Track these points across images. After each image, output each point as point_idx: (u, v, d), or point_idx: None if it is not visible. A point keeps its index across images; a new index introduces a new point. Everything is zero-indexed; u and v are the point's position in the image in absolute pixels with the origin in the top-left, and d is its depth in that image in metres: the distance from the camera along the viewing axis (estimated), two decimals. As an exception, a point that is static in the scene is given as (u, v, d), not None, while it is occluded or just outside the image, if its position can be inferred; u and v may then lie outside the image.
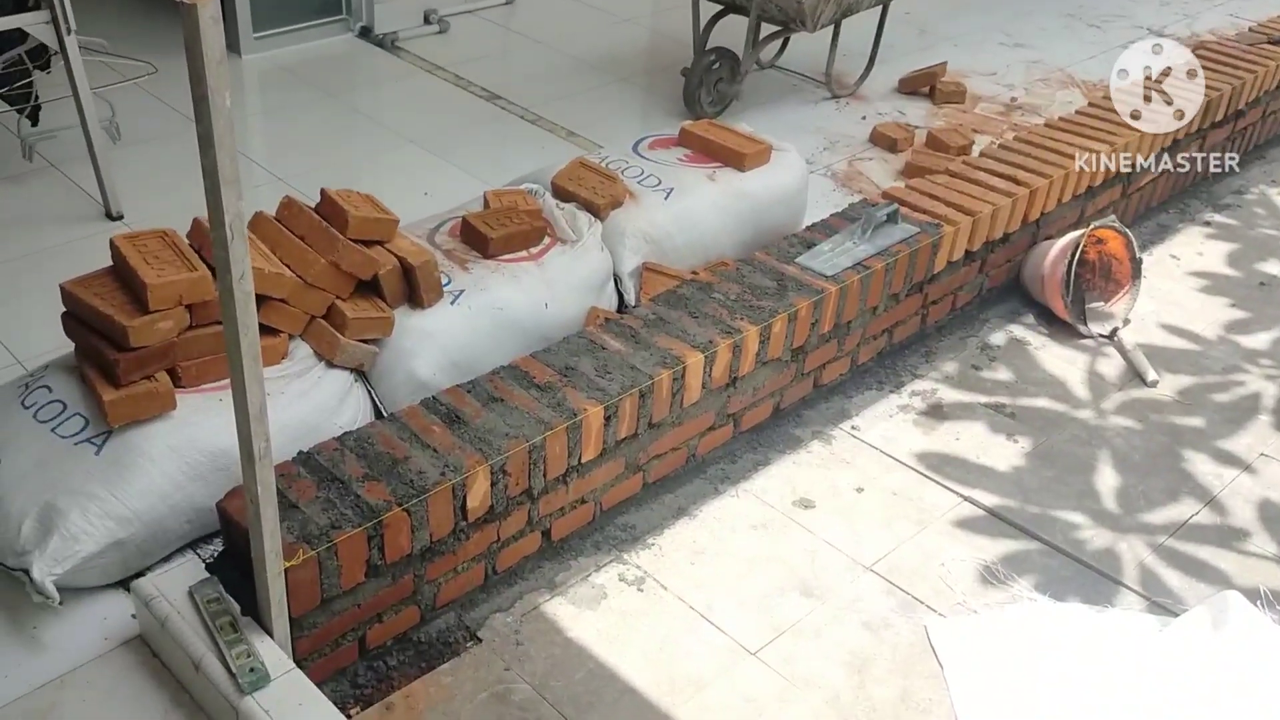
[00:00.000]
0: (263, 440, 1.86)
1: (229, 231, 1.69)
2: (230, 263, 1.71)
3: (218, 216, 1.68)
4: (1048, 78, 5.25)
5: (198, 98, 1.60)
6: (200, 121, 1.61)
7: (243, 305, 1.75)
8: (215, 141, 1.62)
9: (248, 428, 1.84)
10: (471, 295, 2.88)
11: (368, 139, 4.35)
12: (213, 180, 1.65)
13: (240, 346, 1.77)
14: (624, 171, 3.45)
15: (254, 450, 1.85)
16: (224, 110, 1.61)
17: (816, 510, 2.80)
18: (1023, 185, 3.55)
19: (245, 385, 1.80)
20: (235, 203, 1.68)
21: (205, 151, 1.63)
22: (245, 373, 1.79)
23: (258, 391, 1.82)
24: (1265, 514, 2.88)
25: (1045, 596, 2.59)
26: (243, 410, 1.83)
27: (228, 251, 1.70)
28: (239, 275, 1.72)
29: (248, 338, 1.77)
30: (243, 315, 1.75)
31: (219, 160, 1.63)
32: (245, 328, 1.76)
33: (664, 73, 5.07)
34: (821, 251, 3.13)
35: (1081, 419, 3.20)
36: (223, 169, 1.64)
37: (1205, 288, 3.88)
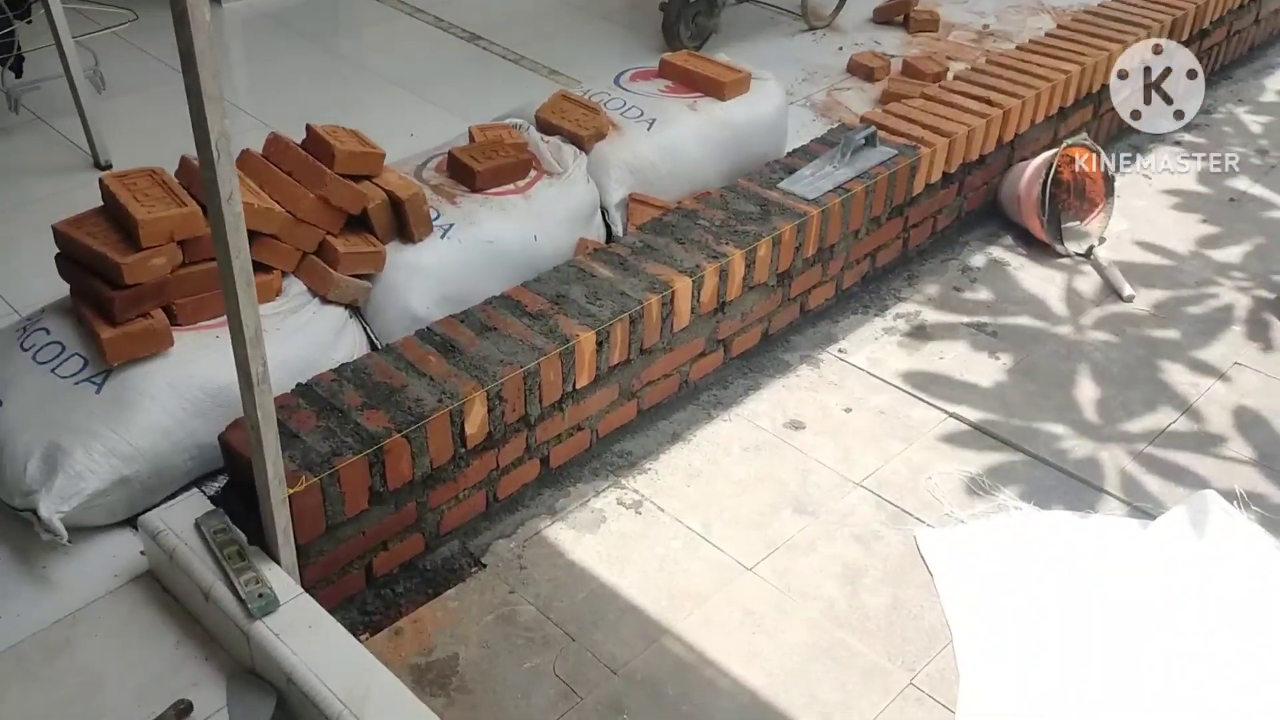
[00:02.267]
0: (260, 364, 1.81)
1: (215, 151, 1.62)
2: (218, 183, 1.64)
3: (203, 136, 1.61)
4: (1018, 4, 5.16)
5: (178, 15, 1.52)
6: (181, 39, 1.54)
7: (232, 227, 1.69)
8: (197, 58, 1.54)
9: (244, 352, 1.79)
10: (461, 229, 2.81)
11: (351, 82, 4.24)
12: (196, 99, 1.58)
13: (233, 268, 1.71)
14: (606, 104, 3.37)
15: (252, 374, 1.80)
16: (204, 26, 1.53)
17: (807, 431, 2.77)
18: (996, 106, 3.49)
19: (240, 309, 1.75)
20: (220, 120, 1.61)
21: (188, 70, 1.56)
22: (239, 296, 1.74)
23: (252, 315, 1.77)
24: (1240, 420, 2.86)
25: (1030, 505, 2.57)
26: (239, 334, 1.78)
27: (215, 171, 1.63)
28: (227, 195, 1.66)
29: (239, 260, 1.71)
30: (233, 237, 1.69)
31: (201, 77, 1.56)
32: (236, 249, 1.70)
33: (641, 8, 4.95)
34: (802, 176, 3.08)
35: (1061, 335, 3.17)
36: (205, 86, 1.57)
37: (1177, 204, 3.84)
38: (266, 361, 1.81)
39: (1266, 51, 4.91)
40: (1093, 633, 2.23)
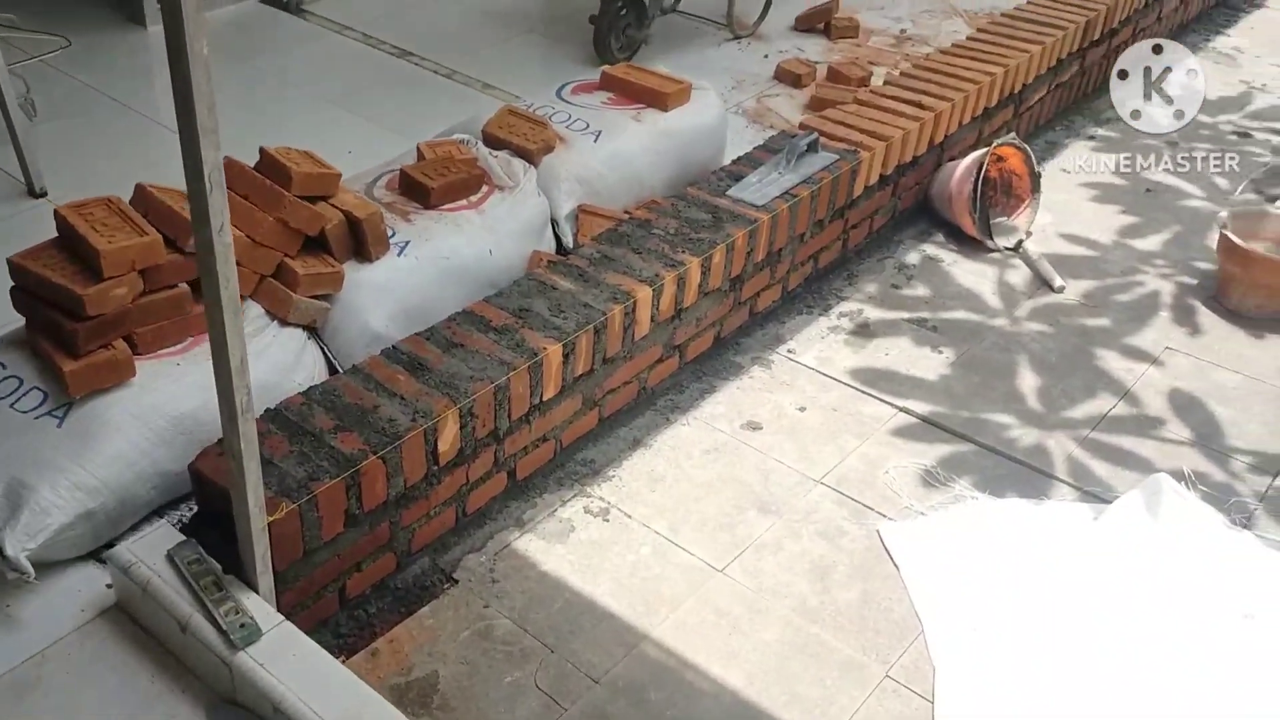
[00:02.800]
0: (245, 394, 1.78)
1: (208, 183, 1.59)
2: (209, 214, 1.62)
3: (196, 168, 1.59)
4: (932, 9, 5.28)
5: (174, 48, 1.50)
6: (177, 73, 1.52)
7: (223, 258, 1.66)
8: (194, 91, 1.52)
9: (229, 382, 1.76)
10: (417, 245, 2.79)
11: (284, 102, 4.17)
12: (190, 131, 1.56)
13: (221, 300, 1.68)
14: (552, 117, 3.37)
15: (236, 405, 1.77)
16: (202, 59, 1.51)
17: (764, 431, 2.81)
18: (928, 109, 3.57)
19: (227, 340, 1.72)
20: (214, 153, 1.59)
21: (182, 102, 1.54)
22: (226, 327, 1.71)
23: (239, 345, 1.74)
24: (1175, 402, 2.98)
25: (985, 494, 2.64)
26: (224, 366, 1.75)
27: (207, 203, 1.61)
28: (218, 227, 1.63)
29: (228, 291, 1.69)
30: (223, 268, 1.67)
31: (197, 110, 1.54)
32: (225, 280, 1.68)
33: (568, 21, 4.96)
34: (750, 183, 3.12)
35: (998, 327, 3.26)
36: (201, 119, 1.55)
37: (1097, 197, 3.97)
38: (251, 390, 1.78)
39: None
40: (1060, 617, 2.30)
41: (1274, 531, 2.58)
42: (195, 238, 1.68)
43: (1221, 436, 2.87)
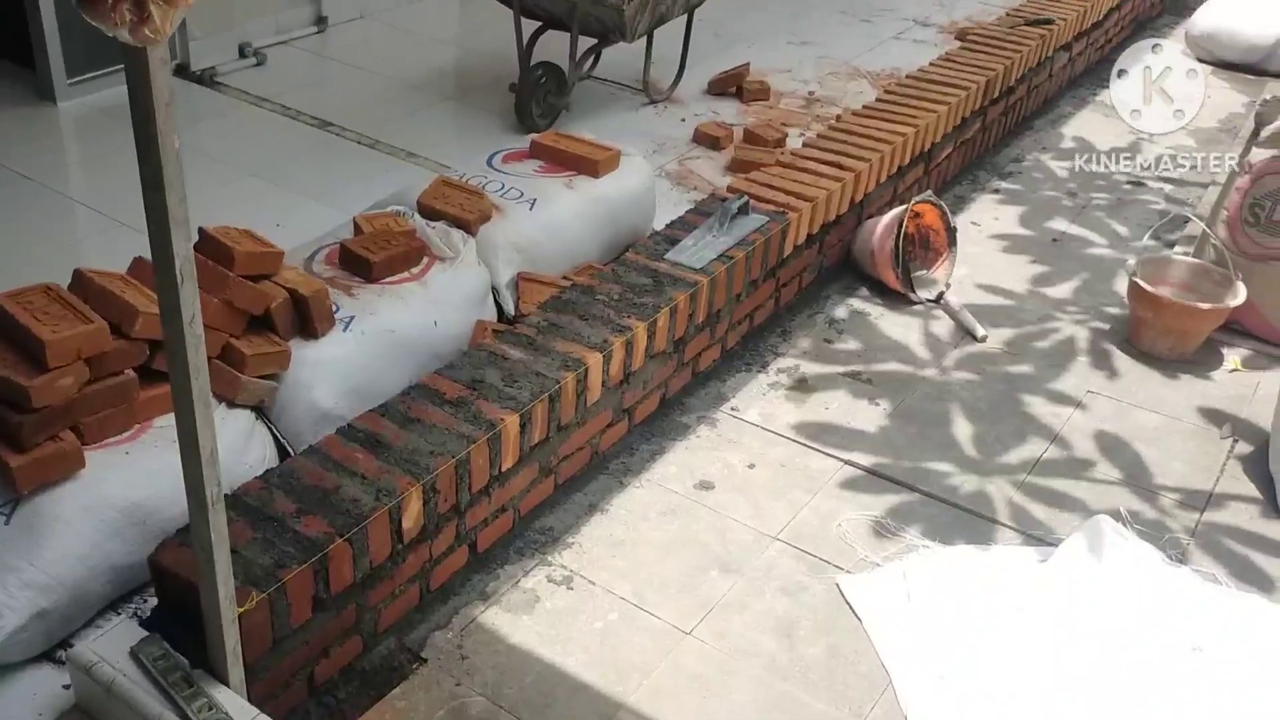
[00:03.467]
0: (215, 485, 1.73)
1: (179, 275, 1.57)
2: (181, 306, 1.59)
3: (166, 260, 1.56)
4: (836, 71, 5.46)
5: (145, 140, 1.48)
6: (147, 164, 1.50)
7: (194, 349, 1.63)
8: (165, 184, 1.51)
9: (199, 474, 1.71)
10: (362, 320, 2.77)
11: (205, 176, 4.09)
12: (161, 224, 1.53)
13: (192, 391, 1.65)
14: (485, 186, 3.39)
15: (207, 496, 1.73)
16: (173, 152, 1.50)
17: (716, 490, 2.83)
18: (847, 170, 3.69)
19: (197, 430, 1.68)
20: (185, 245, 1.57)
21: (153, 194, 1.51)
22: (198, 418, 1.67)
23: (209, 435, 1.70)
24: (1102, 443, 3.10)
25: (935, 542, 2.71)
26: (194, 457, 1.70)
27: (178, 295, 1.58)
28: (189, 319, 1.61)
29: (199, 382, 1.65)
30: (194, 359, 1.64)
31: (169, 203, 1.52)
32: (196, 371, 1.64)
33: (488, 89, 5.00)
34: (686, 247, 3.17)
35: (928, 377, 3.36)
36: (173, 211, 1.53)
37: (1007, 248, 4.13)
38: (221, 482, 1.74)
39: (1058, 102, 5.37)
40: (1020, 659, 2.36)
41: (1208, 565, 2.70)
42: (165, 330, 1.65)
43: (1149, 475, 2.99)
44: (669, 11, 4.70)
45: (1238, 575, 2.67)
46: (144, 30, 1.34)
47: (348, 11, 5.74)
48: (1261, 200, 3.47)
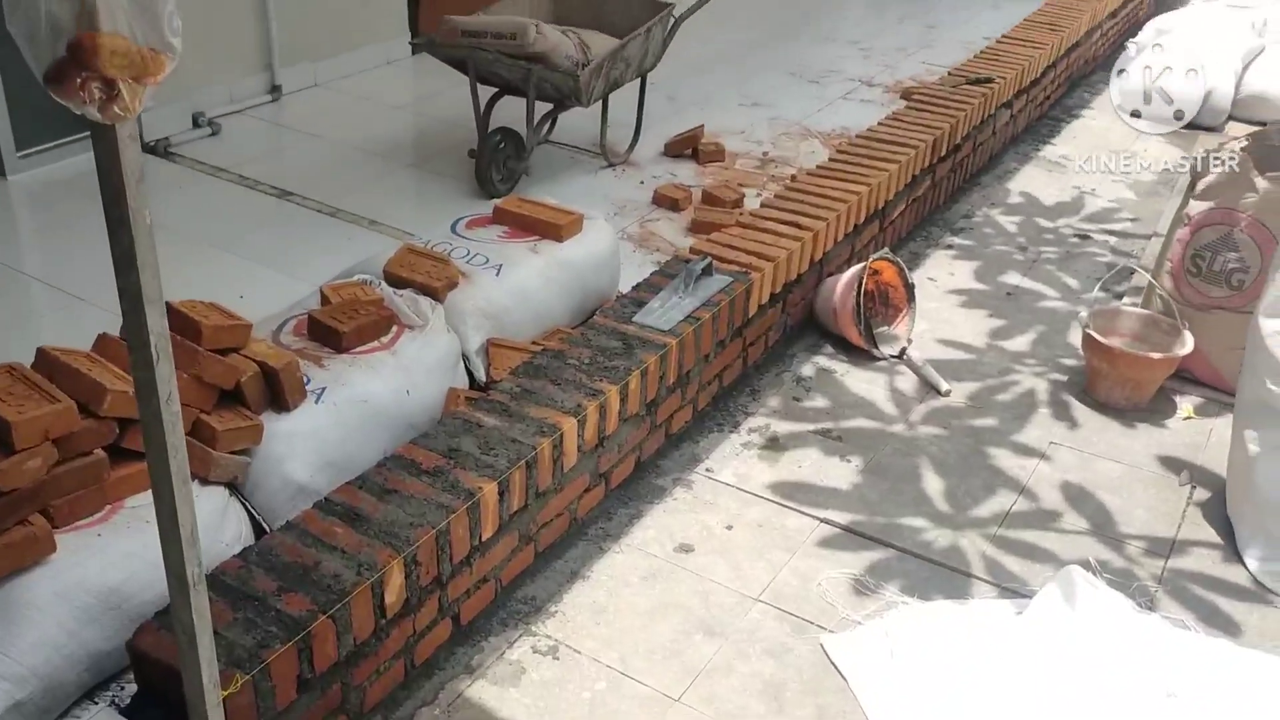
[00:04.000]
0: (195, 565, 1.69)
1: (155, 353, 1.53)
2: (157, 385, 1.55)
3: (141, 339, 1.52)
4: (789, 131, 5.57)
5: (115, 219, 1.45)
6: (119, 243, 1.47)
7: (171, 428, 1.59)
8: (138, 262, 1.47)
9: (180, 555, 1.66)
10: (334, 391, 2.73)
11: (164, 249, 3.92)
12: (135, 302, 1.50)
13: (170, 470, 1.60)
14: (450, 253, 3.39)
15: (188, 577, 1.67)
16: (145, 229, 1.47)
17: (696, 553, 2.82)
18: (806, 229, 3.74)
19: (177, 510, 1.63)
20: (160, 322, 1.53)
21: (126, 272, 1.48)
22: (177, 498, 1.62)
23: (189, 515, 1.66)
24: (1068, 494, 3.14)
25: (914, 598, 2.71)
26: (174, 538, 1.65)
27: (154, 373, 1.54)
28: (165, 397, 1.56)
29: (177, 461, 1.61)
30: (171, 438, 1.59)
31: (143, 281, 1.48)
32: (175, 450, 1.60)
33: (447, 155, 5.01)
34: (653, 309, 3.18)
35: (897, 433, 3.39)
36: (147, 289, 1.49)
37: (964, 302, 4.20)
38: (202, 562, 1.69)
39: (1004, 158, 5.51)
40: (1005, 712, 2.35)
41: (1176, 611, 2.73)
42: (142, 409, 1.61)
43: (1114, 524, 3.03)
44: (622, 76, 4.77)
45: (1206, 620, 2.71)
46: (113, 108, 1.33)
47: (302, 80, 5.75)
48: (1202, 251, 3.57)
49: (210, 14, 5.10)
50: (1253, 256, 3.43)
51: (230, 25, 5.30)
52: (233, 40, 5.35)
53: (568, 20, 5.03)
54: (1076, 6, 6.52)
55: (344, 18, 5.91)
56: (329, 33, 5.84)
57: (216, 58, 5.23)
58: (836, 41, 7.09)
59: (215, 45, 5.20)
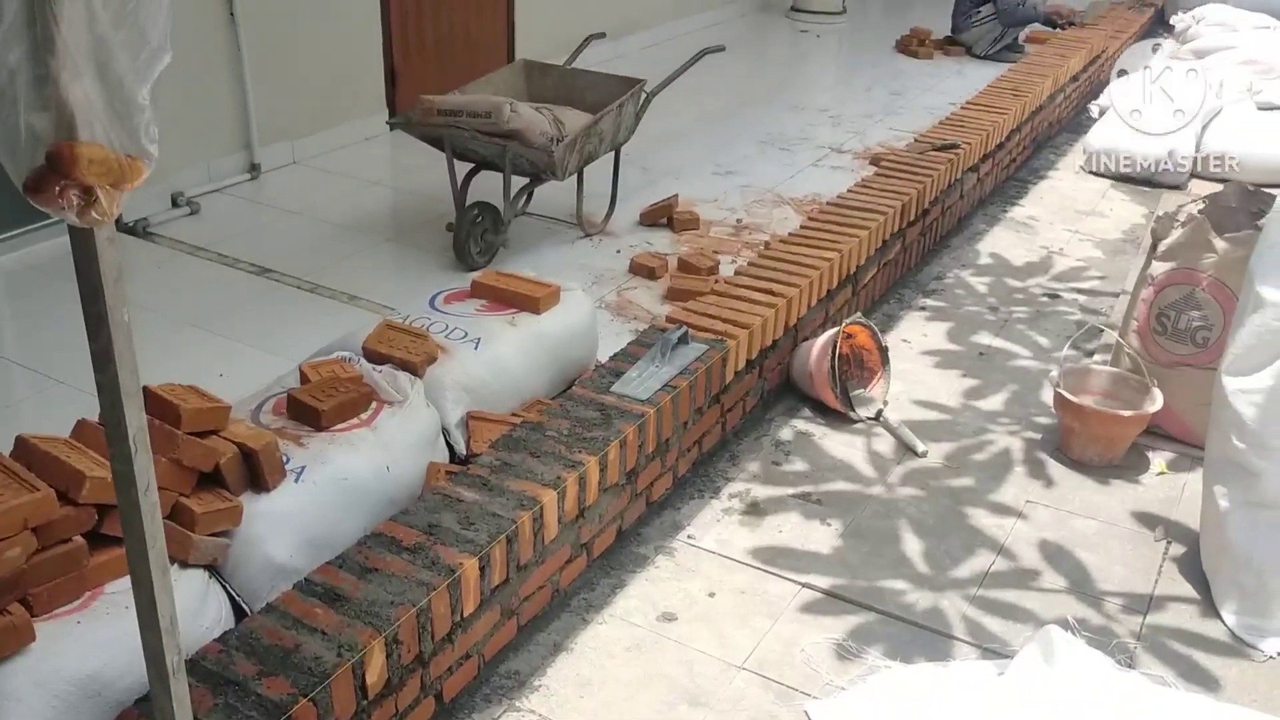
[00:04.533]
0: (175, 655, 1.69)
1: (133, 445, 1.55)
2: (135, 476, 1.57)
3: (120, 431, 1.55)
4: (761, 199, 5.65)
5: (94, 316, 1.48)
6: (97, 340, 1.49)
7: (150, 518, 1.60)
8: (116, 357, 1.50)
9: (159, 643, 1.66)
10: (314, 470, 2.73)
11: (143, 329, 4.01)
12: (113, 397, 1.52)
13: (149, 560, 1.61)
14: (429, 328, 3.41)
15: (167, 666, 1.68)
16: (123, 327, 1.50)
17: (679, 621, 2.82)
18: (779, 296, 3.79)
19: (156, 599, 1.64)
20: (138, 416, 1.55)
21: (104, 368, 1.51)
22: (155, 587, 1.63)
23: (168, 605, 1.66)
24: (1046, 552, 3.15)
25: (897, 661, 2.71)
26: (153, 626, 1.66)
27: (132, 466, 1.56)
28: (144, 487, 1.59)
29: (155, 550, 1.62)
30: (150, 528, 1.61)
31: (120, 376, 1.51)
32: (153, 539, 1.62)
33: (425, 229, 5.07)
34: (631, 378, 3.21)
35: (876, 495, 3.41)
36: (125, 384, 1.52)
37: (938, 363, 4.25)
38: (181, 650, 1.69)
39: (972, 220, 5.61)
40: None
41: (1156, 668, 2.74)
42: (120, 500, 1.62)
43: (1092, 582, 3.05)
44: (596, 150, 4.85)
45: (1185, 676, 2.72)
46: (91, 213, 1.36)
47: (280, 158, 5.82)
48: (1166, 310, 3.63)
49: (188, 94, 5.17)
50: (1215, 315, 3.49)
51: (209, 105, 5.37)
52: (211, 120, 5.42)
53: (541, 97, 5.14)
54: (1038, 71, 6.69)
55: (322, 96, 6.00)
56: (308, 111, 5.93)
57: (195, 138, 5.30)
58: (806, 109, 7.23)
59: (194, 125, 5.27)
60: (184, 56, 5.13)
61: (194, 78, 5.22)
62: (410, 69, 6.52)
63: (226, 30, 5.37)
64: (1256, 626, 2.84)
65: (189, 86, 5.17)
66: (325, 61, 5.97)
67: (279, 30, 5.64)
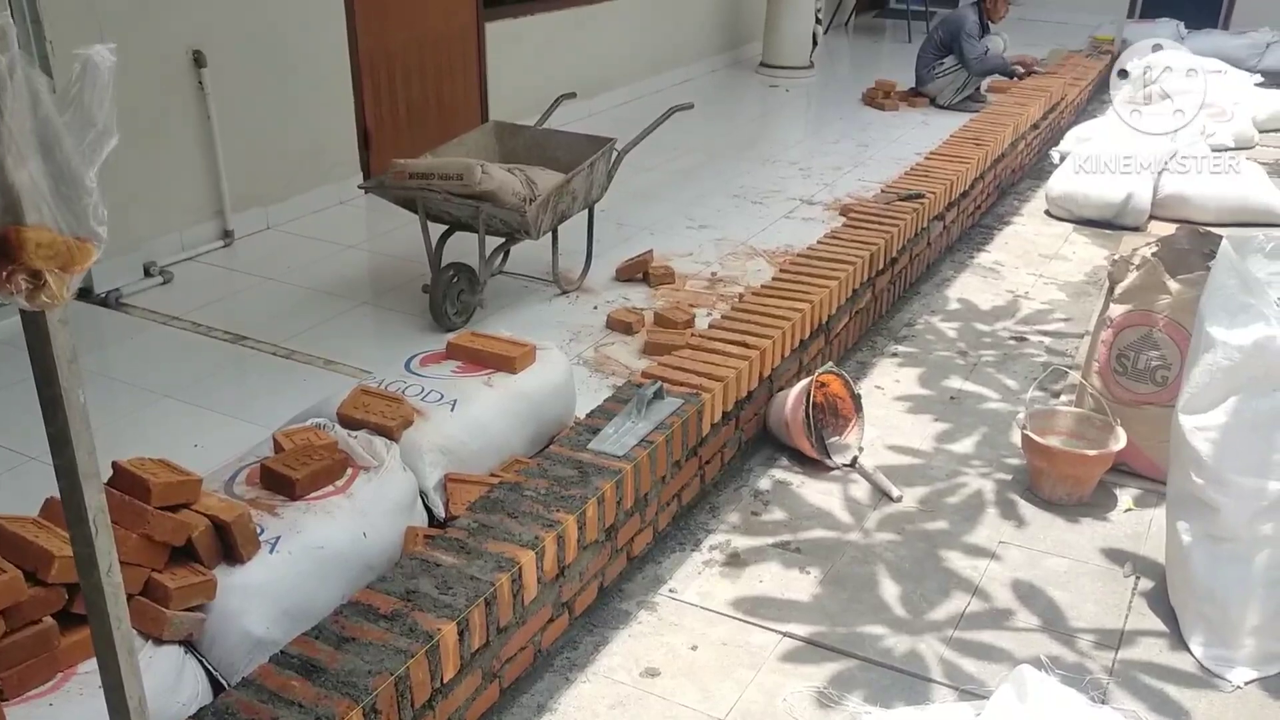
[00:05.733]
0: (146, 738, 1.65)
1: (93, 526, 1.54)
2: (97, 558, 1.55)
3: (79, 514, 1.53)
4: (735, 251, 5.69)
5: (49, 399, 1.47)
6: (53, 423, 1.48)
7: (113, 599, 1.59)
8: (73, 439, 1.49)
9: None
10: (288, 540, 2.70)
11: (116, 401, 4.02)
12: (71, 478, 1.51)
13: (114, 641, 1.59)
14: (405, 391, 3.40)
15: (139, 752, 1.64)
16: (79, 408, 1.49)
17: (662, 676, 2.79)
18: (753, 348, 3.80)
19: (124, 682, 1.61)
20: (97, 496, 1.54)
21: (61, 451, 1.50)
22: (122, 668, 1.61)
23: (136, 686, 1.64)
24: (1019, 592, 3.15)
25: (877, 707, 2.69)
26: (121, 709, 1.63)
27: (93, 547, 1.55)
28: (106, 568, 1.57)
29: (120, 631, 1.60)
30: (114, 609, 1.59)
31: (78, 458, 1.50)
32: (118, 621, 1.59)
33: (401, 291, 5.07)
34: (607, 435, 3.20)
35: (853, 541, 3.39)
36: (82, 465, 1.51)
37: (910, 408, 4.26)
38: (153, 731, 1.66)
39: (940, 267, 5.66)
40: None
41: (1128, 702, 2.73)
42: (83, 582, 1.60)
43: (1064, 619, 3.04)
44: (570, 209, 4.89)
45: (1157, 710, 2.71)
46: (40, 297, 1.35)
47: (254, 224, 5.82)
48: (1126, 351, 3.67)
49: (160, 164, 5.18)
50: (1173, 354, 3.53)
51: (180, 173, 5.38)
52: (183, 188, 5.42)
53: (514, 158, 5.18)
54: (1000, 120, 6.80)
55: (295, 161, 6.03)
56: (281, 177, 5.95)
57: (167, 207, 5.29)
58: (777, 162, 7.31)
59: (165, 194, 5.27)
60: (154, 126, 5.21)
61: (164, 147, 5.23)
62: (383, 132, 6.57)
63: (196, 99, 5.39)
64: (1224, 657, 2.84)
65: (159, 156, 5.18)
66: (297, 127, 6.00)
67: (249, 97, 5.67)
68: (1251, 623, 2.81)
